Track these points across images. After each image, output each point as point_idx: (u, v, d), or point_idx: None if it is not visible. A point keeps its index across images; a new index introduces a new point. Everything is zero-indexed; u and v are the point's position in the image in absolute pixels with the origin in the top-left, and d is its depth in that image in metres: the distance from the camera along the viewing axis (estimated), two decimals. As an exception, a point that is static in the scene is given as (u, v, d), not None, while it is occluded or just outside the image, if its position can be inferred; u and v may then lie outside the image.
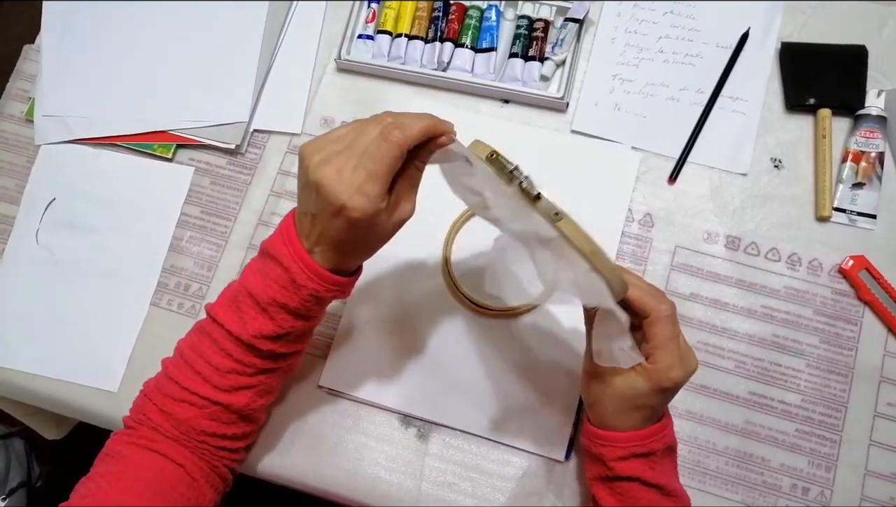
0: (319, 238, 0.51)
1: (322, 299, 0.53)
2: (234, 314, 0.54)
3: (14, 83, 0.83)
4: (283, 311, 0.52)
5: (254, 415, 0.58)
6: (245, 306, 0.53)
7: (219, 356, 0.54)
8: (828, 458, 0.65)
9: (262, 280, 0.53)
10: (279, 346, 0.54)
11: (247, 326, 0.53)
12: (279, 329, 0.53)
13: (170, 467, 0.53)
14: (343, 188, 0.47)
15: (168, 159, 0.78)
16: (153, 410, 0.55)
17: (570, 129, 0.76)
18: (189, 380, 0.54)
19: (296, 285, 0.51)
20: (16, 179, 0.79)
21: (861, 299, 0.69)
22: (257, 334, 0.53)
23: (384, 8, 0.80)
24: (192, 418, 0.54)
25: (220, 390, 0.54)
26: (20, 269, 0.76)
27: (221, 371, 0.54)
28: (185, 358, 0.55)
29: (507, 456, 0.67)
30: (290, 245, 0.51)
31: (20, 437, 1.25)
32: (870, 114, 0.72)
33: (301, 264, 0.51)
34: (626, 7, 0.79)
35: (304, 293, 0.52)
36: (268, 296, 0.52)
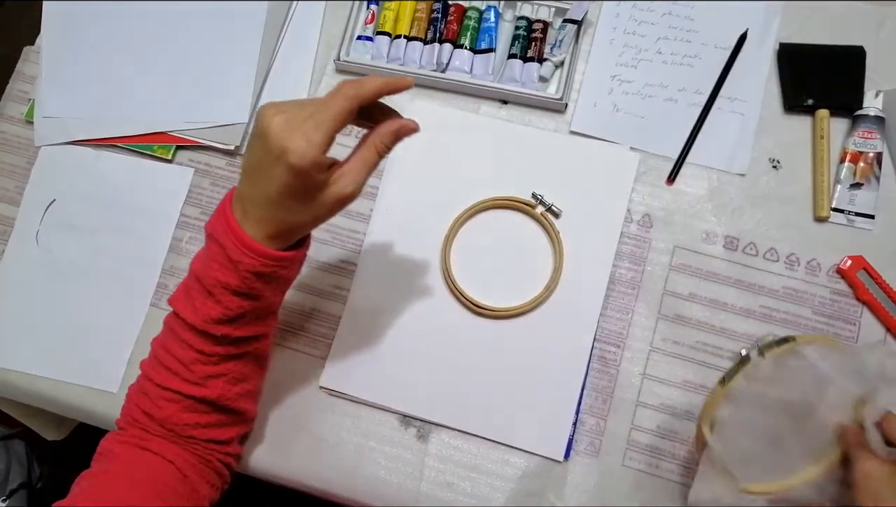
0: (255, 204, 0.50)
1: (264, 275, 0.52)
2: (187, 302, 0.54)
3: (14, 85, 0.83)
4: (227, 292, 0.52)
5: (232, 405, 0.57)
6: (194, 293, 0.53)
7: (181, 349, 0.54)
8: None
9: (205, 262, 0.53)
10: (233, 329, 0.54)
11: (197, 312, 0.53)
12: (227, 311, 0.52)
13: (160, 464, 0.54)
14: (287, 133, 0.47)
15: (168, 160, 0.78)
16: (137, 411, 0.55)
17: (568, 129, 0.76)
18: (161, 376, 0.55)
19: (233, 261, 0.51)
20: (16, 180, 0.79)
21: (859, 298, 0.69)
22: (207, 318, 0.52)
23: (383, 9, 0.80)
24: (173, 415, 0.54)
25: (190, 383, 0.54)
26: (20, 270, 0.76)
27: (186, 364, 0.54)
28: (157, 355, 0.56)
29: (507, 456, 0.67)
30: (226, 221, 0.51)
31: (20, 438, 1.25)
32: (868, 114, 0.72)
33: (234, 239, 0.51)
34: (625, 8, 0.79)
35: (242, 270, 0.51)
36: (211, 278, 0.52)
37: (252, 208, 0.51)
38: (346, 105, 0.49)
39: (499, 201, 0.73)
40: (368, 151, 0.52)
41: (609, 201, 0.73)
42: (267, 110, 0.49)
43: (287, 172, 0.48)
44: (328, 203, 0.51)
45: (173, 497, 0.53)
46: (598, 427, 0.67)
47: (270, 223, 0.51)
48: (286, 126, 0.48)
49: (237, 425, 0.60)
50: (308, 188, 0.50)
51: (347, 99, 0.49)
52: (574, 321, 0.69)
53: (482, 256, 0.72)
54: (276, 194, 0.50)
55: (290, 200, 0.50)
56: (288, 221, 0.52)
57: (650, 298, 0.70)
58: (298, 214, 0.51)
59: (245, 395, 0.59)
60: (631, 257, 0.72)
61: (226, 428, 0.58)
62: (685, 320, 0.70)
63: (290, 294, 0.72)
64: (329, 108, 0.49)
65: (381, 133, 0.53)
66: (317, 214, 0.52)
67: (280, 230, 0.52)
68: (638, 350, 0.69)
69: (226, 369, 0.55)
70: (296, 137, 0.47)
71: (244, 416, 0.60)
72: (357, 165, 0.52)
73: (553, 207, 0.72)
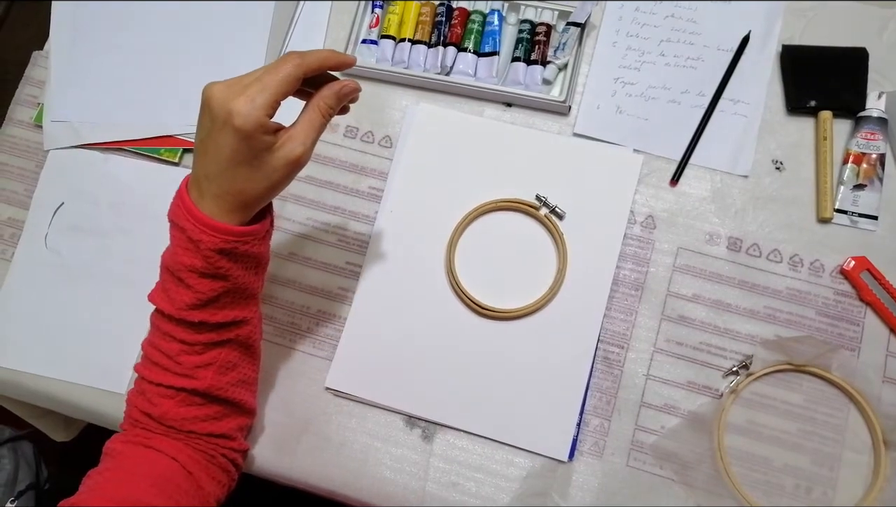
0: (208, 178, 0.51)
1: (227, 252, 0.52)
2: (163, 294, 0.54)
3: (23, 89, 0.84)
4: (194, 274, 0.52)
5: (225, 394, 0.57)
6: (167, 283, 0.54)
7: (166, 342, 0.55)
8: (831, 457, 0.65)
9: (171, 250, 0.53)
10: (210, 315, 0.54)
11: (173, 301, 0.53)
12: (199, 295, 0.53)
13: (164, 461, 0.54)
14: (231, 97, 0.48)
15: (175, 163, 0.79)
16: (136, 412, 0.56)
17: (572, 132, 0.76)
18: (152, 373, 0.55)
19: (194, 242, 0.51)
20: (25, 183, 0.80)
21: (863, 299, 0.69)
22: (182, 305, 0.53)
23: (388, 13, 0.81)
24: (169, 410, 0.55)
25: (180, 376, 0.55)
26: (29, 272, 0.77)
27: (173, 356, 0.55)
28: (146, 352, 0.57)
29: (511, 457, 0.67)
30: (182, 203, 0.52)
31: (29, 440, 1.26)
32: (870, 116, 0.72)
33: (192, 219, 0.51)
34: (628, 11, 0.80)
35: (204, 249, 0.51)
36: (178, 264, 0.52)
37: (207, 185, 0.51)
38: (292, 70, 0.50)
39: (503, 203, 0.73)
40: (314, 111, 0.53)
41: (612, 203, 0.73)
42: (210, 84, 0.51)
43: (233, 135, 0.48)
44: (279, 166, 0.51)
45: (178, 494, 0.53)
46: (602, 428, 0.68)
47: (226, 197, 0.51)
48: (228, 92, 0.49)
49: (235, 416, 0.60)
50: (256, 151, 0.50)
51: (293, 65, 0.50)
52: (578, 322, 0.70)
53: (486, 257, 0.73)
54: (226, 162, 0.50)
55: (240, 167, 0.50)
56: (243, 190, 0.51)
57: (654, 299, 0.71)
58: (251, 182, 0.51)
59: (238, 384, 0.59)
60: (634, 258, 0.72)
61: (224, 420, 0.58)
62: (689, 321, 0.70)
63: (296, 296, 0.72)
64: (274, 73, 0.49)
65: (324, 94, 0.53)
66: (270, 181, 0.52)
67: (237, 202, 0.52)
68: (642, 351, 0.69)
69: (212, 357, 0.56)
70: (239, 100, 0.48)
71: (241, 407, 0.60)
72: (304, 126, 0.52)
73: (557, 208, 0.72)
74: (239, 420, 0.60)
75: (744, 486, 0.65)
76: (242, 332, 0.58)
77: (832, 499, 0.65)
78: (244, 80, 0.50)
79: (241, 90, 0.49)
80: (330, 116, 0.54)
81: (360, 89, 0.56)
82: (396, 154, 0.77)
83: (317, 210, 0.76)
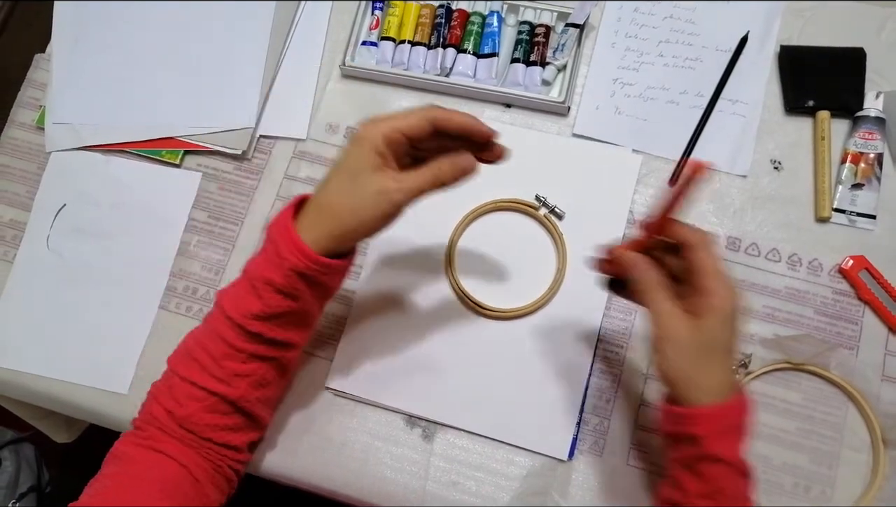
0: (315, 189, 0.53)
1: (307, 276, 0.53)
2: (233, 296, 0.55)
3: (25, 92, 0.84)
4: (269, 288, 0.53)
5: (251, 409, 0.58)
6: (241, 288, 0.55)
7: (214, 342, 0.55)
8: (830, 456, 0.66)
9: (257, 259, 0.55)
10: (268, 329, 0.55)
11: (238, 305, 0.54)
12: (267, 308, 0.54)
13: (174, 467, 0.54)
14: (371, 124, 0.52)
15: (176, 165, 0.79)
16: (159, 410, 0.56)
17: (571, 132, 0.77)
18: (189, 371, 0.56)
19: (280, 258, 0.52)
20: (27, 185, 0.80)
21: (861, 298, 0.69)
22: (246, 312, 0.54)
23: (388, 15, 0.81)
24: (194, 414, 0.55)
25: (216, 379, 0.55)
26: (31, 273, 0.77)
27: (216, 358, 0.55)
28: (188, 347, 0.57)
29: (511, 456, 0.67)
30: (283, 220, 0.53)
31: (30, 442, 1.26)
32: (868, 115, 0.72)
33: (286, 237, 0.52)
34: (626, 12, 0.80)
35: (286, 267, 0.52)
36: (257, 273, 0.53)
37: (311, 200, 0.54)
38: (423, 114, 0.51)
39: (502, 204, 0.74)
40: (428, 169, 0.52)
41: (612, 203, 0.74)
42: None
43: (349, 145, 0.52)
44: (370, 192, 0.51)
45: (185, 501, 0.54)
46: (601, 427, 0.68)
47: (318, 212, 0.53)
48: (368, 121, 0.52)
49: (252, 430, 0.61)
50: (359, 165, 0.51)
51: (426, 111, 0.52)
52: (577, 322, 0.70)
53: (486, 257, 0.73)
54: (333, 169, 0.53)
55: (341, 175, 0.52)
56: (332, 205, 0.53)
57: (653, 298, 0.71)
58: (341, 195, 0.52)
59: (264, 401, 0.60)
60: (634, 258, 0.72)
61: (242, 432, 0.59)
62: (688, 320, 0.70)
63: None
64: (408, 112, 0.52)
65: (445, 158, 0.53)
66: (357, 202, 0.52)
67: (325, 222, 0.53)
68: (641, 350, 0.70)
69: (252, 369, 0.56)
70: (369, 122, 0.52)
71: (260, 423, 0.61)
72: (412, 175, 0.52)
73: (556, 208, 0.73)
74: (252, 435, 0.61)
75: (743, 484, 0.65)
76: (288, 355, 0.59)
77: (831, 497, 0.65)
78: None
79: (378, 120, 0.52)
80: (441, 182, 0.52)
81: (474, 171, 0.54)
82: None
83: (317, 211, 0.77)
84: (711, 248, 0.51)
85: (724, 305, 0.50)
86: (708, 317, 0.50)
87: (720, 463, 0.50)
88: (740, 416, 0.52)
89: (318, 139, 0.79)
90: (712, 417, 0.50)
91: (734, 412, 0.51)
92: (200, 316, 0.74)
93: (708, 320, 0.50)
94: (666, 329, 0.51)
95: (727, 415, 0.51)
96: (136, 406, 0.59)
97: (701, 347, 0.50)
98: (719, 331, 0.50)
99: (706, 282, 0.50)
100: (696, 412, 0.51)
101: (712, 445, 0.50)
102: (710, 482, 0.51)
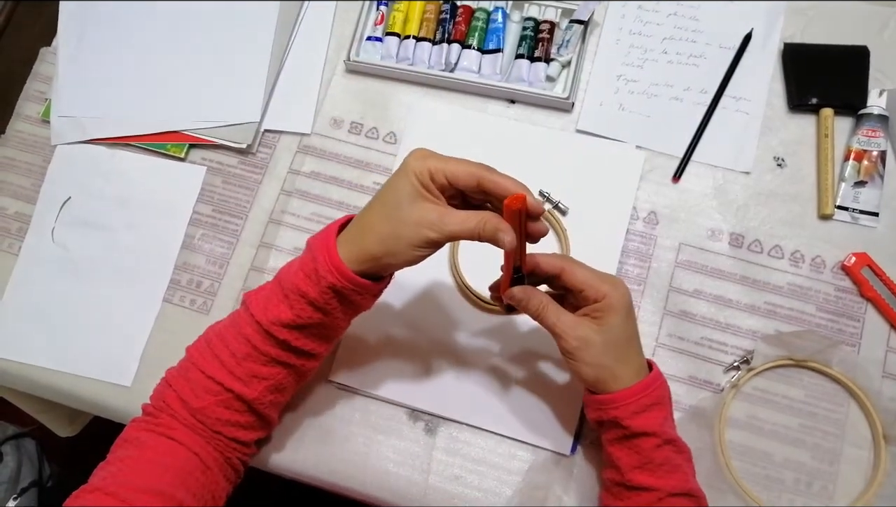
0: (360, 211, 0.55)
1: (342, 295, 0.54)
2: (263, 301, 0.56)
3: (31, 85, 0.84)
4: (302, 300, 0.54)
5: (264, 411, 0.59)
6: (273, 293, 0.56)
7: (238, 342, 0.56)
8: (831, 452, 0.66)
9: (292, 269, 0.55)
10: (294, 337, 0.56)
11: (268, 311, 0.55)
12: (297, 318, 0.54)
13: (186, 453, 0.55)
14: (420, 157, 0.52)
15: (181, 159, 0.79)
16: (173, 397, 0.57)
17: (575, 128, 0.77)
18: (208, 365, 0.56)
19: (318, 274, 0.53)
20: (32, 178, 0.81)
21: (863, 295, 0.70)
22: (275, 320, 0.54)
23: (393, 10, 0.81)
24: (208, 407, 0.56)
25: (235, 378, 0.56)
26: (36, 266, 0.77)
27: (238, 358, 0.56)
28: (210, 343, 0.57)
29: (514, 450, 0.68)
30: (325, 238, 0.54)
31: (32, 437, 1.26)
32: (872, 113, 0.73)
33: (326, 254, 0.53)
34: (631, 9, 0.80)
35: (324, 284, 0.53)
36: (292, 284, 0.54)
37: (350, 229, 0.55)
38: (473, 171, 0.51)
39: (506, 199, 0.74)
40: (473, 219, 0.51)
41: (615, 199, 0.74)
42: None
43: (395, 173, 0.53)
44: (408, 219, 0.51)
45: (196, 487, 0.54)
46: (604, 422, 0.68)
47: (358, 236, 0.54)
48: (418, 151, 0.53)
49: (261, 429, 0.61)
50: (403, 193, 0.51)
51: (477, 170, 0.51)
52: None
53: (490, 252, 0.72)
54: (377, 195, 0.54)
55: (384, 200, 0.53)
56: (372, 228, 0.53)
57: (656, 294, 0.71)
58: (381, 219, 0.52)
59: (276, 405, 0.60)
60: (637, 253, 0.73)
61: (251, 431, 0.59)
62: (690, 316, 0.70)
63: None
64: (460, 161, 0.52)
65: (492, 217, 0.51)
66: (394, 227, 0.51)
67: (362, 244, 0.53)
68: (644, 346, 0.68)
69: (271, 373, 0.57)
70: (417, 156, 0.52)
71: (269, 423, 0.62)
72: (456, 218, 0.51)
73: (560, 204, 0.73)
74: (261, 433, 0.61)
75: (744, 480, 0.65)
76: (308, 365, 0.60)
77: (832, 494, 0.65)
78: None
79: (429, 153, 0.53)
80: (478, 237, 0.51)
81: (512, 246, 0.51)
82: (401, 150, 0.78)
83: (322, 205, 0.77)
84: (575, 262, 0.57)
85: (620, 301, 0.56)
86: (609, 316, 0.55)
87: (644, 436, 0.55)
88: (656, 391, 0.56)
89: (323, 134, 0.80)
90: (629, 397, 0.55)
91: (648, 390, 0.56)
92: (205, 309, 0.74)
93: (610, 318, 0.55)
94: (577, 339, 0.56)
95: (642, 393, 0.56)
96: (139, 398, 0.59)
97: (613, 344, 0.56)
98: (623, 325, 0.56)
99: (594, 289, 0.56)
100: (615, 397, 0.56)
101: (633, 422, 0.55)
102: (640, 453, 0.56)
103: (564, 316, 0.56)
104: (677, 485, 0.55)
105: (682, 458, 0.57)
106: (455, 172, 0.51)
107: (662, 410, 0.57)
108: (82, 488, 0.51)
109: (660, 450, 0.55)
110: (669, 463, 0.56)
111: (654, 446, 0.55)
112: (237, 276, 0.75)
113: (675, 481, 0.55)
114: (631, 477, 0.56)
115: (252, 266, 0.75)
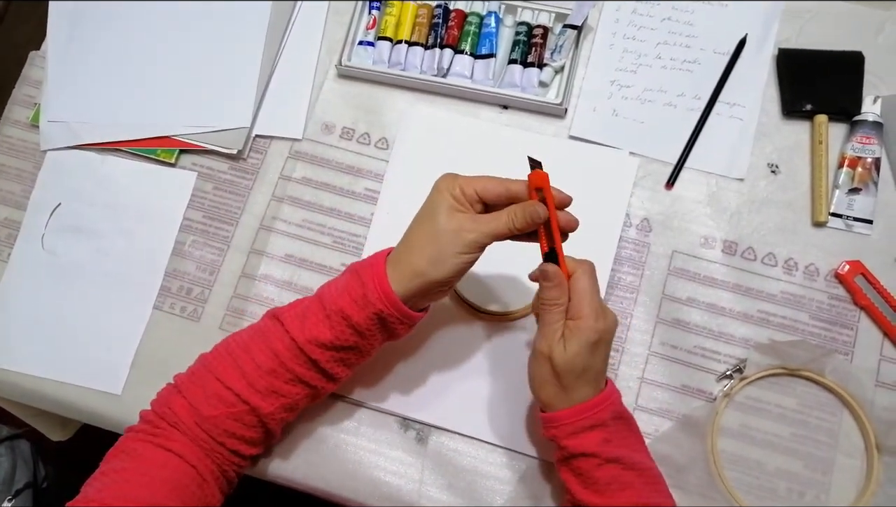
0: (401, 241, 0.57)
1: (385, 322, 0.55)
2: (300, 318, 0.56)
3: (20, 89, 0.84)
4: (344, 323, 0.55)
5: (272, 428, 0.59)
6: (311, 312, 0.56)
7: (264, 355, 0.56)
8: (824, 461, 0.66)
9: (337, 291, 0.56)
10: (326, 358, 0.56)
11: (305, 330, 0.55)
12: (335, 340, 0.55)
13: (183, 466, 0.55)
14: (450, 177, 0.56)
15: (171, 164, 0.79)
16: (181, 404, 0.56)
17: (568, 134, 0.76)
18: (227, 374, 0.56)
19: (367, 300, 0.54)
20: (22, 184, 0.80)
21: (857, 303, 0.69)
22: (313, 338, 0.55)
23: (385, 14, 0.81)
24: (217, 417, 0.56)
25: (254, 391, 0.56)
26: (26, 273, 0.77)
27: (262, 370, 0.56)
28: (231, 352, 0.58)
29: (505, 459, 0.67)
30: (375, 267, 0.55)
31: (26, 438, 1.26)
32: (866, 120, 0.72)
33: (376, 282, 0.54)
34: (625, 13, 0.80)
35: (370, 310, 0.54)
36: (336, 306, 0.55)
37: (395, 253, 0.57)
38: (501, 182, 0.55)
39: (498, 206, 0.73)
40: (504, 213, 0.55)
41: (608, 206, 0.73)
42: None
43: (430, 192, 0.56)
44: (446, 229, 0.54)
45: (191, 500, 0.54)
46: (596, 430, 0.68)
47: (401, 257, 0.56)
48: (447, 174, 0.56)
49: (263, 446, 0.61)
50: (438, 205, 0.55)
51: (504, 178, 0.56)
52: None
53: (483, 260, 0.72)
54: (416, 217, 0.57)
55: (422, 218, 0.56)
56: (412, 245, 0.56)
57: (649, 302, 0.71)
58: (421, 234, 0.56)
59: (284, 423, 0.61)
60: (630, 261, 0.72)
61: (253, 446, 0.59)
62: (683, 324, 0.70)
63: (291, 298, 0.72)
64: (491, 178, 0.56)
65: (517, 206, 0.55)
66: (433, 238, 0.54)
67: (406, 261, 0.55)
68: (636, 354, 0.70)
69: (290, 392, 0.57)
70: (448, 176, 0.56)
71: (272, 440, 0.62)
72: (487, 217, 0.55)
73: (552, 211, 0.72)
74: (260, 449, 0.61)
75: (737, 489, 0.65)
76: (327, 388, 0.60)
77: (825, 503, 0.65)
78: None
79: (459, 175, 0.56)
80: (514, 227, 0.54)
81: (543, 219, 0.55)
82: (393, 156, 0.77)
83: (313, 211, 0.76)
84: (587, 275, 0.56)
85: (590, 330, 0.54)
86: (573, 340, 0.54)
87: (582, 457, 0.55)
88: (599, 414, 0.55)
89: (314, 139, 0.79)
90: (566, 418, 0.55)
91: (588, 412, 0.55)
92: (195, 316, 0.74)
93: (572, 343, 0.54)
94: (544, 348, 0.55)
95: (581, 415, 0.55)
96: (130, 407, 0.59)
97: (567, 367, 0.54)
98: (585, 354, 0.54)
99: (580, 306, 0.55)
100: (553, 416, 0.56)
101: (569, 442, 0.55)
102: (582, 474, 0.55)
103: (556, 324, 0.56)
104: (629, 502, 0.54)
105: (632, 475, 0.55)
106: (485, 185, 0.55)
107: (603, 431, 0.55)
108: (76, 500, 0.51)
109: (601, 469, 0.54)
110: (617, 481, 0.54)
111: (594, 465, 0.54)
112: (228, 283, 0.75)
113: (625, 498, 0.54)
114: (581, 498, 0.56)
115: (243, 273, 0.75)
